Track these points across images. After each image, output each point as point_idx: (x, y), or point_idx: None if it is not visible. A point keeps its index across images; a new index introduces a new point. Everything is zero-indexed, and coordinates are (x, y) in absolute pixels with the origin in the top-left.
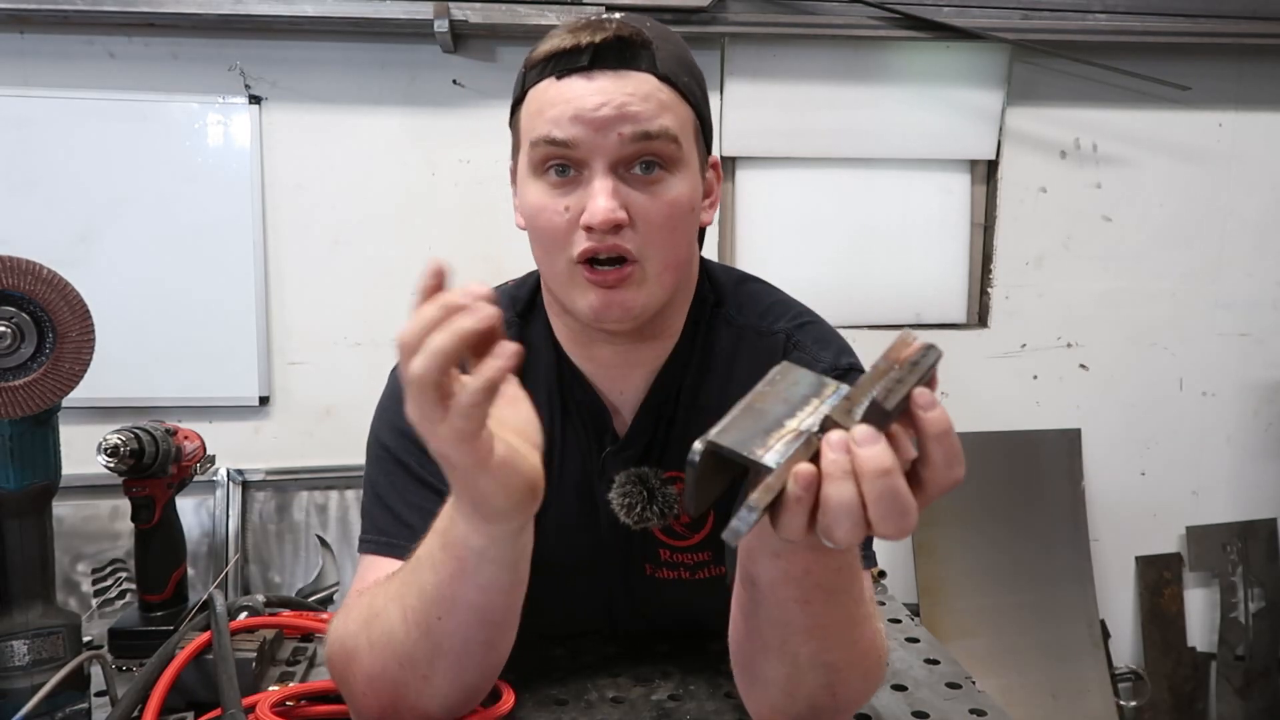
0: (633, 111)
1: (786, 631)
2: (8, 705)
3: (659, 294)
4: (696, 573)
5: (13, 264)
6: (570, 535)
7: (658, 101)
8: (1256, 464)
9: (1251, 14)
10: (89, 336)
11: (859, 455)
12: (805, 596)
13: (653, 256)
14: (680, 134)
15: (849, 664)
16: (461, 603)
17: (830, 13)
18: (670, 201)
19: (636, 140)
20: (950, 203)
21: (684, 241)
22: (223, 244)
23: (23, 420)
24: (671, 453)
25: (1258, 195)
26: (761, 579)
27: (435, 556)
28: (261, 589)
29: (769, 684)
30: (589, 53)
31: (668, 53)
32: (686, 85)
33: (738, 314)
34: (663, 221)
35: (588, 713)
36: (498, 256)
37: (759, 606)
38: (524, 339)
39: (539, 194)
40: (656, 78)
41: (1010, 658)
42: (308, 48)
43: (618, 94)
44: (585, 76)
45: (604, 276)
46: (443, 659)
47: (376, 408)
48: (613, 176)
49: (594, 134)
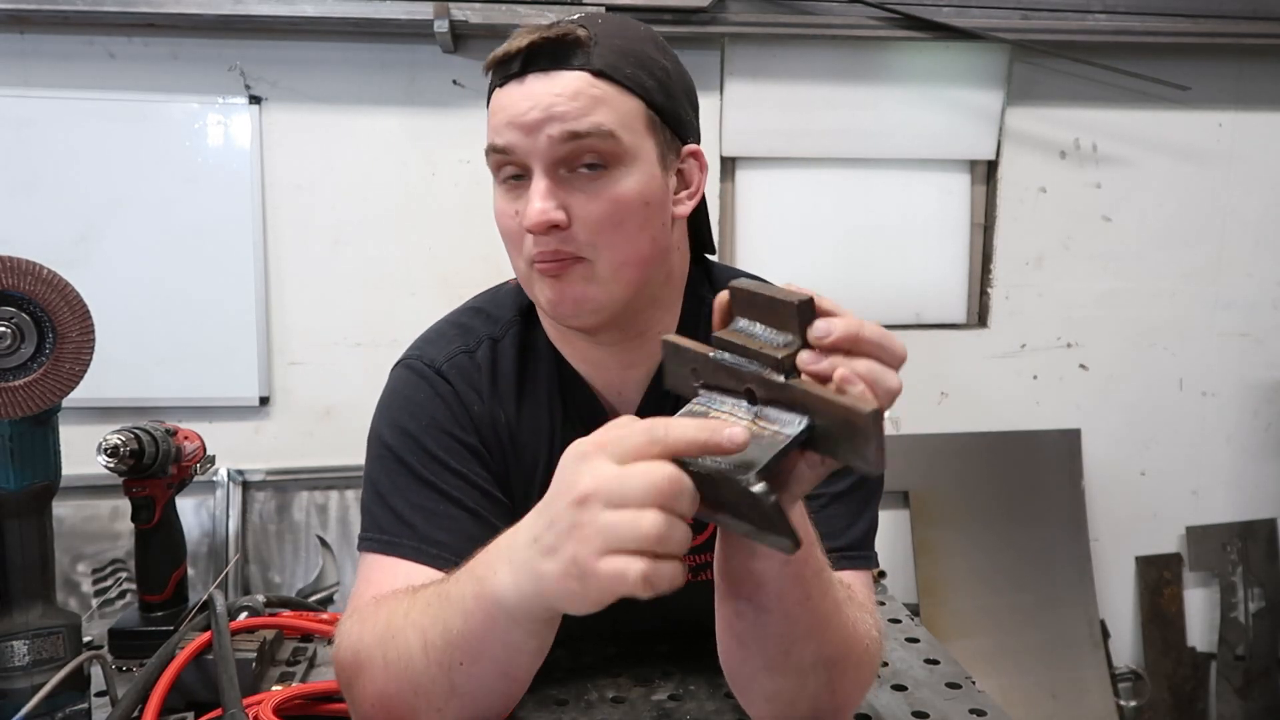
0: (559, 112)
1: (790, 639)
2: (8, 705)
3: (618, 290)
4: (698, 575)
5: (13, 264)
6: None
7: (589, 98)
8: (1256, 464)
9: (1251, 14)
10: (89, 336)
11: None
12: (808, 593)
13: (603, 254)
14: (619, 128)
15: (844, 654)
16: (486, 656)
17: (830, 13)
18: (612, 198)
19: (566, 140)
20: (950, 203)
21: (642, 237)
22: (223, 244)
23: (23, 420)
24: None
25: (1258, 195)
26: (770, 595)
27: (467, 604)
28: (261, 589)
29: (772, 699)
30: (520, 58)
31: (610, 46)
32: (631, 76)
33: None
34: (605, 218)
35: (588, 713)
36: (497, 257)
37: (764, 628)
38: (524, 340)
39: (498, 199)
40: (591, 74)
41: (1010, 658)
42: (308, 48)
43: (545, 95)
44: (518, 82)
45: (550, 266)
46: (458, 699)
47: (378, 404)
48: (550, 178)
49: (525, 138)
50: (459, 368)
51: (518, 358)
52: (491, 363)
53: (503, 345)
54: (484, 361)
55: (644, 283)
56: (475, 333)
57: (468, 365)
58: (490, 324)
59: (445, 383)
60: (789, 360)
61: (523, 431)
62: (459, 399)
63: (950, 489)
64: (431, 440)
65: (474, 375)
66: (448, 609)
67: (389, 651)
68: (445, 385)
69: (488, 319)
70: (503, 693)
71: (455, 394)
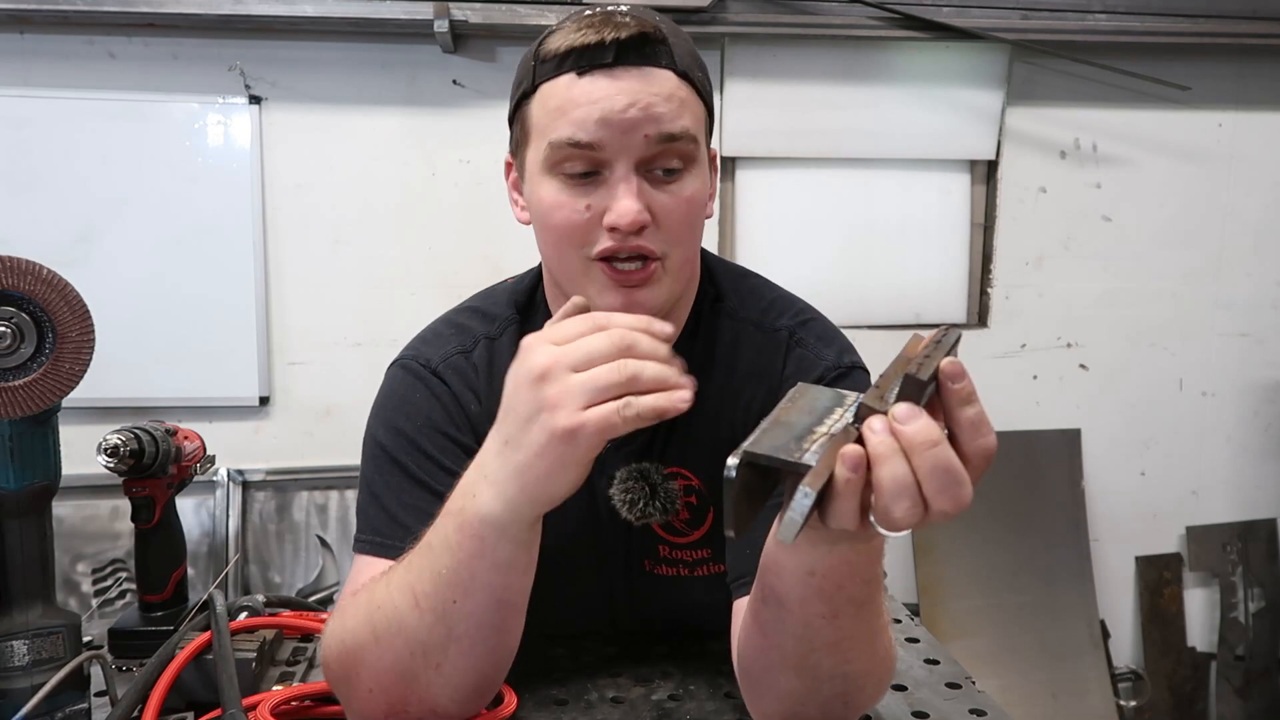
0: (657, 113)
1: (810, 646)
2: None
3: (675, 290)
4: (695, 569)
5: (13, 264)
6: (569, 528)
7: (679, 101)
8: (1256, 464)
9: (1251, 14)
10: (89, 336)
11: (905, 431)
12: (834, 611)
13: (673, 254)
14: (697, 133)
15: (867, 673)
16: (479, 583)
17: (830, 13)
18: (688, 199)
19: (661, 142)
20: (950, 203)
21: (698, 237)
22: (223, 244)
23: (23, 420)
24: (674, 448)
25: (1258, 195)
26: (791, 596)
27: (451, 539)
28: (261, 589)
29: (782, 697)
30: (613, 49)
31: (681, 49)
32: (700, 81)
33: (739, 308)
34: (683, 219)
35: (588, 713)
36: (497, 256)
37: (783, 624)
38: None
39: (555, 191)
40: (676, 75)
41: (1010, 658)
42: (308, 48)
43: (644, 94)
44: (609, 74)
45: (628, 276)
46: (456, 644)
47: (374, 406)
48: (636, 177)
49: (620, 136)
50: (455, 368)
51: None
52: (488, 362)
53: (500, 344)
54: (480, 361)
55: (691, 280)
56: (472, 332)
57: (464, 365)
58: (487, 323)
59: (441, 383)
60: (864, 412)
61: None
62: (455, 399)
63: None
64: (426, 440)
65: (470, 375)
66: (432, 555)
67: (377, 624)
68: (441, 385)
69: (484, 318)
70: (498, 628)
71: (451, 394)
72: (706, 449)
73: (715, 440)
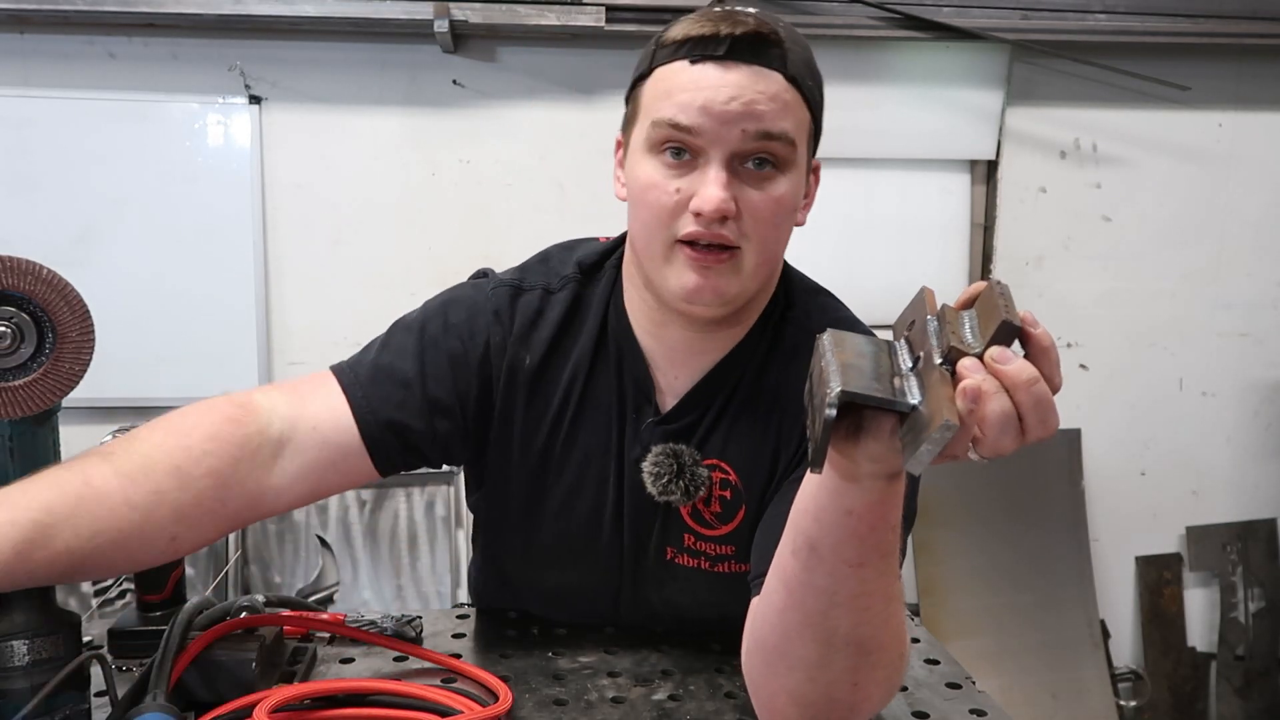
0: (759, 110)
1: (833, 600)
2: (8, 705)
3: (751, 285)
4: (716, 565)
5: (13, 264)
6: (607, 496)
7: (783, 103)
8: (1256, 464)
9: (1251, 14)
10: (89, 336)
11: (1008, 370)
12: (861, 559)
13: (752, 249)
14: (796, 137)
15: (878, 646)
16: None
17: (830, 13)
18: (776, 199)
19: (757, 138)
20: (950, 202)
21: (782, 238)
22: (223, 244)
23: (23, 420)
24: (716, 439)
25: (1258, 195)
26: (825, 542)
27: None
28: (261, 589)
29: (795, 666)
30: (727, 43)
31: (797, 55)
32: (810, 90)
33: (806, 321)
34: (768, 217)
35: (588, 713)
36: (497, 256)
37: (811, 576)
38: (579, 295)
39: (651, 171)
40: (785, 78)
41: (1010, 658)
42: (308, 48)
43: (749, 90)
44: (720, 66)
45: (705, 256)
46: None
47: (440, 300)
48: (727, 168)
49: (719, 125)
50: (501, 299)
51: (564, 312)
52: (537, 311)
53: (556, 298)
54: (527, 306)
55: (768, 280)
56: (541, 274)
57: (507, 301)
58: (550, 275)
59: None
60: (955, 355)
61: (545, 381)
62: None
63: (950, 489)
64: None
65: (510, 313)
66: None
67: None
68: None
69: (559, 265)
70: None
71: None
72: (750, 447)
73: (760, 440)
